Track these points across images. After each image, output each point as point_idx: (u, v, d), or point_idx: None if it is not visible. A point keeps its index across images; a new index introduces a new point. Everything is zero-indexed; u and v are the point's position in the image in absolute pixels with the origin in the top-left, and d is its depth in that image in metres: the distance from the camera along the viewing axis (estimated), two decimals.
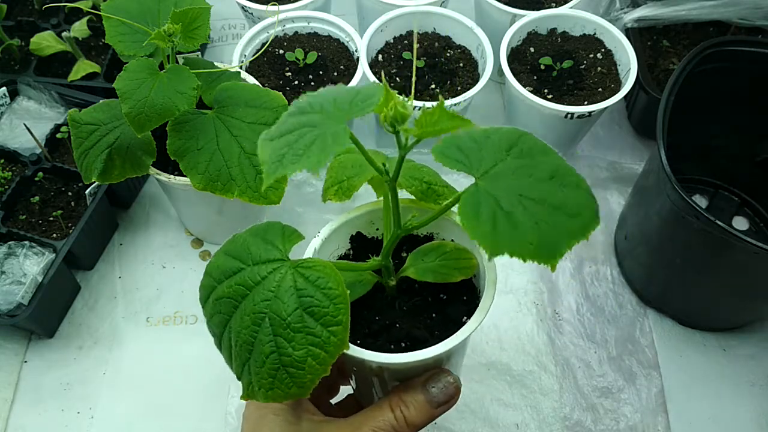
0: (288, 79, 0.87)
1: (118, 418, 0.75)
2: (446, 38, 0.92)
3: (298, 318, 0.40)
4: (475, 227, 0.37)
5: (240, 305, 0.42)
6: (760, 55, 0.75)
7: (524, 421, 0.74)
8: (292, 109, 0.39)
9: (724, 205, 0.88)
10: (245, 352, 0.42)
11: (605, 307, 0.81)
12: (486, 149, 0.41)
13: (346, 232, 0.56)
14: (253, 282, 0.42)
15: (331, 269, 0.41)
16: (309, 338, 0.39)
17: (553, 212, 0.38)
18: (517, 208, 0.38)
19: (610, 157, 0.93)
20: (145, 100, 0.62)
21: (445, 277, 0.50)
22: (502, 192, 0.39)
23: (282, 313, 0.40)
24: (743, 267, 0.67)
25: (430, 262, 0.51)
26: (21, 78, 0.90)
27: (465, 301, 0.52)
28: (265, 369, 0.40)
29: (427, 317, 0.51)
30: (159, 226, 0.89)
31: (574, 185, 0.40)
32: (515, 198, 0.38)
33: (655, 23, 0.93)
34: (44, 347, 0.79)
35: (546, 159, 0.41)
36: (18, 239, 0.77)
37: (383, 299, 0.52)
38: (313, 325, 0.39)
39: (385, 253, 0.48)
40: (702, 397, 0.76)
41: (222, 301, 0.44)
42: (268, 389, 0.40)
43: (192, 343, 0.80)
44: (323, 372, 0.39)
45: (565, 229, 0.38)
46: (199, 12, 0.66)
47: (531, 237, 0.37)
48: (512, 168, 0.40)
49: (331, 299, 0.40)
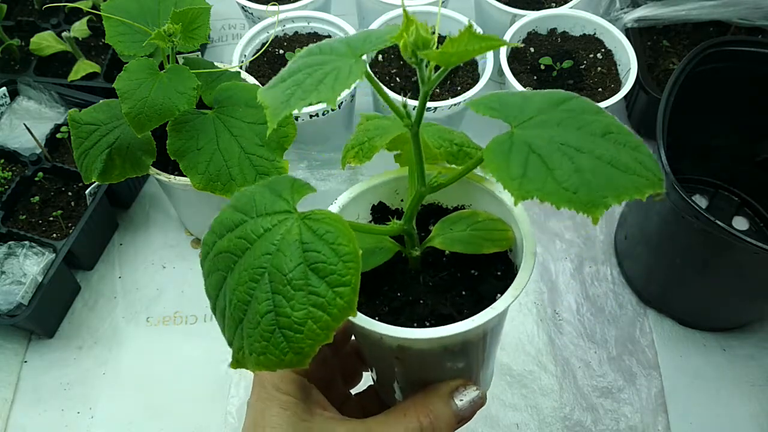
0: None
1: (118, 418, 0.75)
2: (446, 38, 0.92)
3: (301, 274, 0.35)
4: (502, 169, 0.33)
5: (239, 261, 0.37)
6: (760, 55, 0.75)
7: (524, 421, 0.73)
8: (301, 53, 0.36)
9: (724, 205, 0.88)
10: (239, 312, 0.37)
11: (605, 307, 0.81)
12: (529, 104, 0.37)
13: (367, 201, 0.50)
14: (256, 235, 0.37)
15: (342, 224, 0.36)
16: (311, 298, 0.35)
17: (602, 164, 0.34)
18: (555, 154, 0.33)
19: None
20: (145, 100, 0.62)
21: (476, 248, 0.45)
22: (540, 140, 0.34)
23: (283, 269, 0.35)
24: (743, 267, 0.67)
25: (460, 231, 0.45)
26: (21, 78, 0.90)
27: (499, 276, 0.46)
28: (258, 330, 0.35)
29: (455, 294, 0.45)
30: (159, 226, 0.89)
31: (632, 146, 0.35)
32: (555, 146, 0.34)
33: (655, 23, 0.93)
34: (44, 347, 0.79)
35: (599, 118, 0.36)
36: (18, 239, 0.77)
37: (406, 273, 0.46)
38: (318, 283, 0.35)
39: (407, 216, 0.42)
40: (702, 397, 0.76)
41: (221, 257, 0.39)
42: (260, 354, 0.35)
43: (192, 343, 0.79)
44: (324, 338, 0.34)
45: (615, 181, 0.33)
46: (199, 12, 0.66)
47: (570, 183, 0.33)
48: (557, 120, 0.36)
49: (339, 256, 0.35)
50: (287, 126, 0.67)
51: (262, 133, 0.66)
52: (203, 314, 0.82)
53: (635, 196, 0.33)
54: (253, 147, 0.65)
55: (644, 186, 0.33)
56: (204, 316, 0.82)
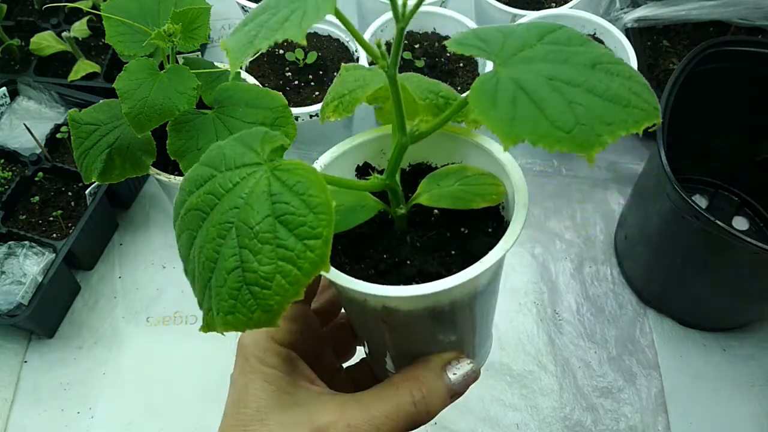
0: (288, 79, 0.87)
1: (118, 418, 0.75)
2: (446, 38, 0.92)
3: (269, 227, 0.33)
4: (489, 111, 0.31)
5: (208, 217, 0.35)
6: (760, 55, 0.74)
7: (524, 421, 0.73)
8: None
9: (724, 205, 0.88)
10: (207, 271, 0.35)
11: (605, 307, 0.81)
12: (511, 38, 0.35)
13: (351, 161, 0.47)
14: (224, 189, 0.35)
15: (314, 174, 0.33)
16: (279, 251, 0.32)
17: (594, 98, 0.32)
18: (544, 90, 0.31)
19: (610, 157, 0.93)
20: (145, 100, 0.62)
21: (465, 203, 0.42)
22: (527, 75, 0.32)
23: (250, 222, 0.33)
24: (743, 267, 0.67)
25: (448, 186, 0.42)
26: (21, 78, 0.90)
27: (490, 233, 0.43)
28: (225, 288, 0.33)
29: (444, 254, 0.42)
30: (159, 226, 0.89)
31: (626, 75, 0.33)
32: (544, 82, 0.32)
33: (655, 23, 0.93)
34: (44, 347, 0.79)
35: (587, 48, 0.34)
36: (18, 239, 0.77)
37: (392, 234, 0.43)
38: (286, 236, 0.32)
39: (390, 169, 0.40)
40: (702, 397, 0.76)
41: (190, 215, 0.36)
42: (227, 313, 0.33)
43: (192, 343, 0.80)
44: (294, 294, 0.32)
45: (610, 115, 0.31)
46: (199, 12, 0.65)
47: (562, 121, 0.31)
48: (542, 53, 0.34)
49: (310, 207, 0.32)
50: (287, 126, 0.67)
51: None
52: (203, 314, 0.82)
53: (632, 130, 0.31)
54: None
55: (641, 118, 0.32)
56: None
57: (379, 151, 0.47)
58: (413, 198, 0.43)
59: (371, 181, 0.40)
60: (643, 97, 0.32)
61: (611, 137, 0.31)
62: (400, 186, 0.41)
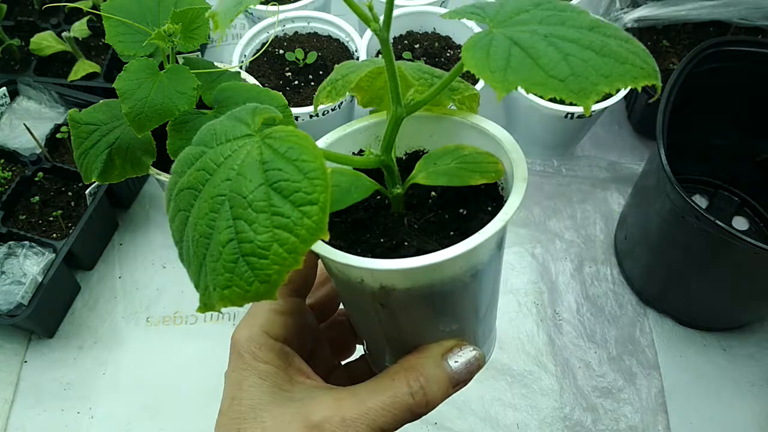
0: (288, 79, 0.87)
1: (118, 418, 0.75)
2: (446, 38, 0.92)
3: (263, 195, 0.32)
4: (482, 63, 0.31)
5: (200, 194, 0.34)
6: (760, 55, 0.74)
7: (524, 421, 0.73)
8: None
9: (724, 205, 0.88)
10: (202, 248, 0.33)
11: (605, 307, 0.81)
12: (508, 4, 0.35)
13: (346, 148, 0.46)
14: (216, 164, 0.34)
15: (306, 140, 0.33)
16: (275, 219, 0.31)
17: (591, 53, 0.32)
18: (540, 44, 0.32)
19: (610, 157, 0.93)
20: (145, 100, 0.62)
21: (463, 179, 0.41)
22: (522, 34, 0.33)
23: (243, 191, 0.32)
24: (743, 267, 0.67)
25: (445, 165, 0.42)
26: (21, 78, 0.90)
27: (489, 212, 0.42)
28: (221, 262, 0.32)
29: (443, 236, 0.41)
30: (159, 226, 0.89)
31: (624, 38, 0.33)
32: (539, 37, 0.32)
33: (655, 23, 0.93)
34: (44, 347, 0.79)
35: (584, 15, 0.34)
36: (18, 239, 0.77)
37: (389, 218, 0.42)
38: (281, 203, 0.31)
39: (385, 145, 0.39)
40: (702, 397, 0.76)
41: (182, 195, 0.35)
42: (224, 287, 0.32)
43: (192, 343, 0.80)
44: (293, 263, 0.31)
45: (607, 68, 0.31)
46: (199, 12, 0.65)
47: (558, 70, 0.31)
48: (539, 17, 0.34)
49: (304, 173, 0.32)
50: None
51: None
52: (203, 314, 0.82)
53: (630, 85, 0.31)
54: None
55: (640, 75, 0.31)
56: (204, 316, 0.82)
57: (375, 138, 0.46)
58: (410, 178, 0.42)
59: (366, 157, 0.39)
60: (642, 57, 0.32)
61: (608, 87, 0.31)
62: (395, 163, 0.40)
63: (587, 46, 0.32)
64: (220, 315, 0.81)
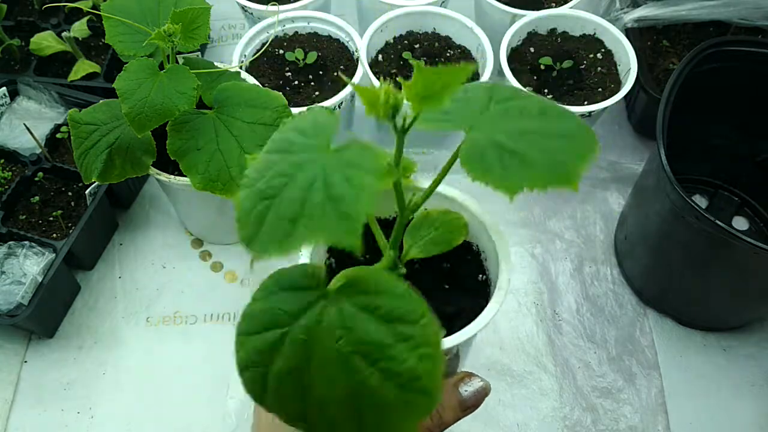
0: (288, 79, 0.87)
1: (118, 418, 0.75)
2: (446, 38, 0.92)
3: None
4: (486, 173, 0.36)
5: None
6: (760, 55, 0.75)
7: (524, 421, 0.73)
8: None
9: (724, 205, 0.88)
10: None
11: (605, 307, 0.81)
12: (469, 105, 0.41)
13: None
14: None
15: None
16: None
17: (556, 139, 0.38)
18: (519, 143, 0.37)
19: (610, 157, 0.93)
20: (145, 100, 0.62)
21: (447, 244, 0.48)
22: (499, 133, 0.38)
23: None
24: (743, 267, 0.67)
25: (428, 235, 0.48)
26: (21, 78, 0.89)
27: (468, 260, 0.51)
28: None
29: (439, 290, 0.50)
30: (159, 226, 0.89)
31: (566, 116, 0.40)
32: (515, 134, 0.38)
33: (655, 23, 0.93)
34: (44, 347, 0.79)
35: (527, 100, 0.41)
36: (18, 239, 0.77)
37: None
38: None
39: (393, 242, 0.44)
40: (702, 397, 0.76)
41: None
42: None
43: (192, 343, 0.80)
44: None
45: (571, 150, 0.38)
46: (199, 12, 0.66)
47: (542, 167, 0.36)
48: (499, 113, 0.40)
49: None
50: None
51: (262, 133, 0.66)
52: (203, 314, 0.82)
53: (591, 158, 0.37)
54: (253, 147, 0.65)
55: (591, 147, 0.38)
56: (204, 316, 0.82)
57: None
58: (404, 255, 0.48)
59: (384, 263, 0.44)
60: (581, 128, 0.39)
61: (580, 168, 0.37)
62: (400, 259, 0.47)
63: (552, 133, 0.38)
64: (219, 315, 0.82)
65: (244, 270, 0.84)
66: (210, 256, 0.86)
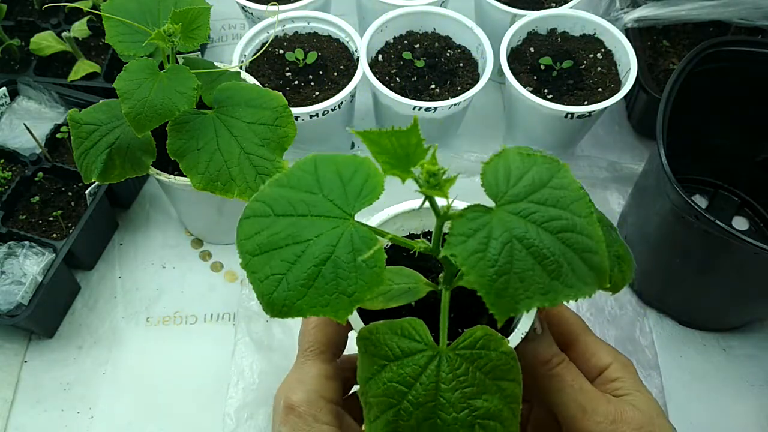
0: (288, 79, 0.87)
1: (118, 418, 0.75)
2: (446, 38, 0.92)
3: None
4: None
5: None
6: (760, 55, 0.74)
7: None
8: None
9: (724, 205, 0.88)
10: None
11: (605, 307, 0.81)
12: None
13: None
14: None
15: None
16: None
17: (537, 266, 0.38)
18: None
19: (610, 157, 0.93)
20: (145, 100, 0.62)
21: None
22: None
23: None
24: (743, 267, 0.67)
25: None
26: (21, 78, 0.89)
27: None
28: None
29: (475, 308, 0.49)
30: (159, 226, 0.89)
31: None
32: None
33: (655, 23, 0.93)
34: (44, 347, 0.79)
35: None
36: (18, 239, 0.77)
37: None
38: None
39: (435, 240, 0.45)
40: (702, 397, 0.76)
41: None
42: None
43: (192, 343, 0.80)
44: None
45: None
46: (199, 12, 0.65)
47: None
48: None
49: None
50: (287, 126, 0.67)
51: (261, 133, 0.66)
52: (203, 314, 0.82)
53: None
54: (253, 147, 0.65)
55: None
56: (204, 316, 0.82)
57: (400, 229, 0.54)
58: (455, 280, 0.47)
59: (419, 243, 0.44)
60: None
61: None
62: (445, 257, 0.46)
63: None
64: (219, 315, 0.82)
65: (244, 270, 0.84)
66: (210, 256, 0.86)
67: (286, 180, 0.42)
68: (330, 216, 0.41)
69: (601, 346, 0.50)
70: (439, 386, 0.39)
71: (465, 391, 0.38)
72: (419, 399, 0.38)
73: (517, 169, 0.40)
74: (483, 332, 0.40)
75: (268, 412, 0.72)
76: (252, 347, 0.77)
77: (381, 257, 0.39)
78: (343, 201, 0.41)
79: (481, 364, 0.39)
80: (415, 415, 0.38)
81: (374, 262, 0.38)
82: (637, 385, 0.48)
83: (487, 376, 0.39)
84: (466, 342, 0.40)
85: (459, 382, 0.38)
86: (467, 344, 0.40)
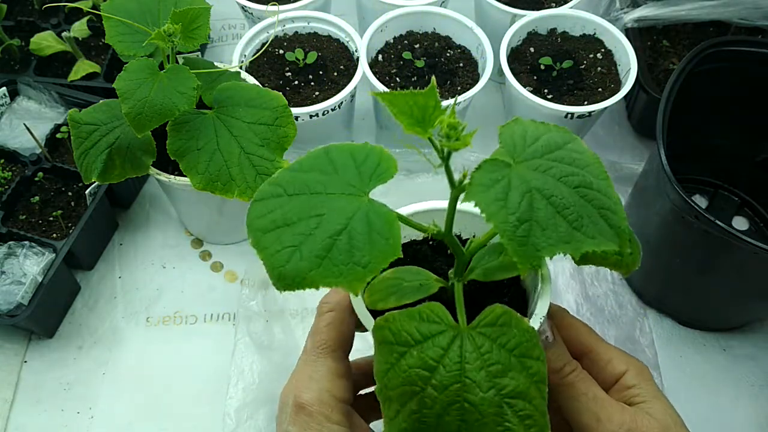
0: (288, 79, 0.87)
1: (118, 418, 0.75)
2: (446, 38, 0.92)
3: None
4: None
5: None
6: (760, 55, 0.74)
7: None
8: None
9: (724, 205, 0.88)
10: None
11: (605, 307, 0.81)
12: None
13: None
14: None
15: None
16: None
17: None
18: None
19: (610, 157, 0.93)
20: (145, 100, 0.62)
21: (510, 270, 0.47)
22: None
23: None
24: (743, 267, 0.67)
25: (492, 261, 0.48)
26: (21, 78, 0.90)
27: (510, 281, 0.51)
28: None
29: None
30: (159, 226, 0.89)
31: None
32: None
33: (655, 23, 0.93)
34: (44, 347, 0.79)
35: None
36: (18, 239, 0.77)
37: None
38: None
39: (447, 225, 0.45)
40: (702, 397, 0.76)
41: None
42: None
43: (192, 343, 0.80)
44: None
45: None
46: (199, 12, 0.66)
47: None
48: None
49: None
50: (287, 126, 0.67)
51: (262, 133, 0.66)
52: (203, 314, 0.82)
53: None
54: (253, 147, 0.65)
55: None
56: (204, 315, 0.82)
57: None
58: (467, 274, 0.47)
59: (431, 227, 0.44)
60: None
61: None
62: (455, 239, 0.45)
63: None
64: (220, 315, 0.82)
65: (244, 270, 0.84)
66: (210, 256, 0.86)
67: (299, 165, 0.42)
68: (345, 193, 0.41)
69: (616, 353, 0.49)
70: (463, 366, 0.37)
71: (490, 369, 0.37)
72: (444, 382, 0.37)
73: (533, 132, 0.40)
74: (502, 309, 0.39)
75: (268, 412, 0.72)
76: (252, 347, 0.77)
77: (397, 230, 0.38)
78: (358, 180, 0.41)
79: (504, 341, 0.38)
80: (439, 400, 0.37)
81: (389, 234, 0.38)
82: (654, 391, 0.47)
83: (512, 353, 0.37)
84: (487, 319, 0.39)
85: (483, 360, 0.37)
86: (488, 321, 0.39)
